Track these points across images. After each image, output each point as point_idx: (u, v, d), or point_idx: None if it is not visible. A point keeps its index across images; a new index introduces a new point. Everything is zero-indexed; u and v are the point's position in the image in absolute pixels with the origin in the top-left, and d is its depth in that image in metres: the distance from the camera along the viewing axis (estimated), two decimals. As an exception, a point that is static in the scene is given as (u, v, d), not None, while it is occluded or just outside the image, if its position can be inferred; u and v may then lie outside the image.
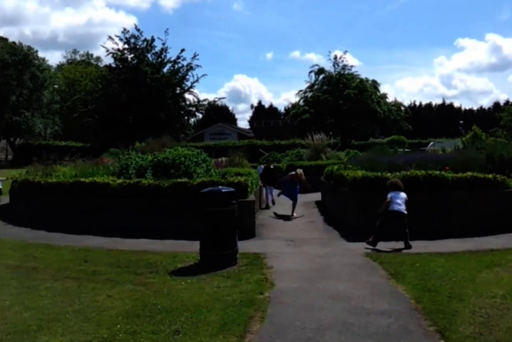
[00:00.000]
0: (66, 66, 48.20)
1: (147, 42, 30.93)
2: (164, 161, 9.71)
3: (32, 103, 33.01)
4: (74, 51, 53.56)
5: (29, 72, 31.73)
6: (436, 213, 8.33)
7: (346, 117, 31.49)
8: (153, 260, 6.45)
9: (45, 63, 35.31)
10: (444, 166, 9.65)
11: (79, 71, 40.81)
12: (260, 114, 63.43)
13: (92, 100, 30.72)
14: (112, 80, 30.66)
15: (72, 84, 38.98)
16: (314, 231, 9.33)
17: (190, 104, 32.92)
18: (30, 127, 32.72)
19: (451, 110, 63.92)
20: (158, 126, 29.56)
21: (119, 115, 29.48)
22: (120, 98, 29.70)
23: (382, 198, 8.27)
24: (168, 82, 30.48)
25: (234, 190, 6.50)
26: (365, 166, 10.13)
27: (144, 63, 30.23)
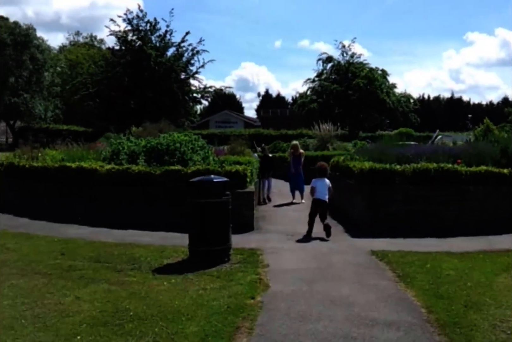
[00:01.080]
0: (69, 47, 46.67)
1: (150, 23, 29.87)
2: (158, 147, 9.05)
3: (32, 85, 31.66)
4: (77, 33, 51.71)
5: (28, 53, 30.56)
6: (448, 208, 7.76)
7: (354, 108, 30.61)
8: (137, 254, 5.93)
9: (45, 44, 33.95)
10: (456, 159, 9.04)
11: (81, 53, 39.64)
12: (267, 103, 62.40)
13: (93, 83, 29.92)
14: (114, 63, 29.82)
15: (74, 66, 37.89)
16: (317, 224, 8.75)
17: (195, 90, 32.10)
18: (29, 110, 31.60)
19: (459, 104, 62.94)
20: (162, 111, 28.86)
21: (121, 99, 28.77)
22: (122, 82, 28.92)
23: (390, 191, 7.71)
24: (172, 66, 29.56)
25: (228, 179, 5.92)
26: (373, 157, 9.49)
27: (148, 45, 29.24)
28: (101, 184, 8.22)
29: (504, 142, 9.53)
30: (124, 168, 8.27)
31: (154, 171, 8.02)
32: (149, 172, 8.01)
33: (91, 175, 8.35)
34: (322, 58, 33.09)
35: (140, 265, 5.40)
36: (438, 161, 8.45)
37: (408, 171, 7.82)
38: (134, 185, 8.03)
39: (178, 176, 7.77)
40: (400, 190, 7.69)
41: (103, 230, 7.45)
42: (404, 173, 7.81)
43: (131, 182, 8.02)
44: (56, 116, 35.65)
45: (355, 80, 30.00)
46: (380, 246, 6.70)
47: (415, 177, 7.77)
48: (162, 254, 6.01)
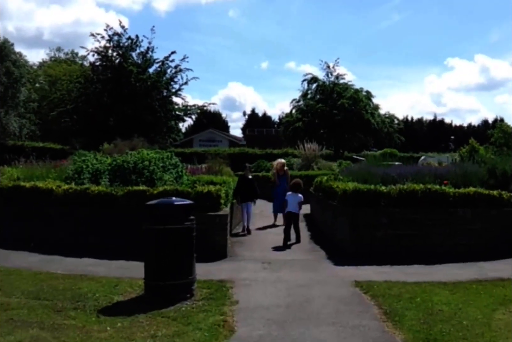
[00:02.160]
0: (48, 63, 44.77)
1: (131, 40, 29.41)
2: (124, 166, 8.36)
3: (7, 100, 29.86)
4: (59, 49, 49.27)
5: (3, 67, 29.54)
6: (436, 232, 7.27)
7: (339, 128, 30.45)
8: (86, 289, 5.15)
9: (22, 59, 32.77)
10: (443, 180, 8.61)
11: (62, 69, 38.53)
12: (253, 122, 62.26)
13: (71, 100, 29.15)
14: (94, 79, 29.18)
15: (54, 83, 36.76)
16: (298, 250, 8.11)
17: (178, 108, 31.60)
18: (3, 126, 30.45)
19: (442, 126, 64.47)
20: (143, 129, 28.16)
21: (99, 116, 27.99)
22: (101, 98, 28.23)
23: (375, 214, 7.15)
24: (154, 83, 29.07)
25: (192, 202, 5.26)
26: (358, 178, 8.99)
27: (128, 62, 28.71)
28: (58, 205, 7.55)
29: (491, 163, 9.17)
30: (82, 188, 7.59)
31: (115, 191, 7.36)
32: (110, 193, 7.34)
33: (47, 195, 7.68)
34: (307, 79, 33.09)
35: (85, 303, 4.63)
36: (424, 182, 8.02)
37: (393, 192, 7.31)
38: (93, 207, 7.36)
39: (142, 197, 7.04)
40: (385, 213, 7.15)
41: (55, 258, 6.75)
42: (389, 194, 7.29)
43: (90, 204, 7.35)
44: (32, 133, 34.43)
45: (340, 100, 29.93)
46: (365, 276, 6.09)
47: (401, 198, 7.26)
48: (115, 289, 5.24)
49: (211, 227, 7.04)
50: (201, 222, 6.94)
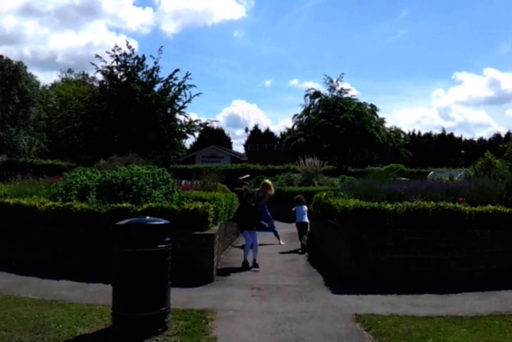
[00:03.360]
0: (60, 84, 46.97)
1: (138, 60, 29.91)
2: (112, 181, 7.83)
3: (18, 119, 31.61)
4: (70, 71, 51.65)
5: (16, 88, 30.49)
6: (450, 257, 6.45)
7: (342, 143, 29.73)
8: (51, 318, 4.56)
9: (34, 79, 34.13)
10: (457, 197, 7.79)
11: (72, 89, 39.74)
12: (256, 138, 61.90)
13: (77, 118, 29.61)
14: (101, 98, 29.69)
15: (64, 102, 38.01)
16: (293, 274, 7.30)
17: (181, 124, 31.66)
18: (13, 144, 31.15)
19: (451, 141, 62.81)
20: (146, 146, 28.33)
21: (104, 133, 28.31)
22: (107, 117, 28.60)
23: (380, 235, 6.34)
24: (158, 101, 29.38)
25: (168, 222, 4.57)
26: (360, 194, 8.21)
27: (134, 81, 29.14)
28: (40, 223, 7.13)
29: (510, 178, 8.33)
30: (65, 206, 7.15)
31: (98, 209, 6.91)
32: (93, 210, 6.89)
33: (30, 212, 7.26)
34: (310, 94, 32.60)
35: (44, 336, 4.04)
36: (435, 199, 7.22)
37: (400, 211, 6.52)
38: (75, 225, 6.88)
39: (126, 215, 6.40)
40: (391, 234, 6.35)
41: (32, 279, 6.32)
42: (396, 213, 6.50)
43: (72, 222, 6.88)
44: (41, 151, 35.05)
45: (343, 114, 29.33)
46: (367, 307, 5.28)
47: (409, 218, 6.47)
48: (82, 318, 4.62)
49: (197, 247, 6.43)
50: (186, 242, 6.40)
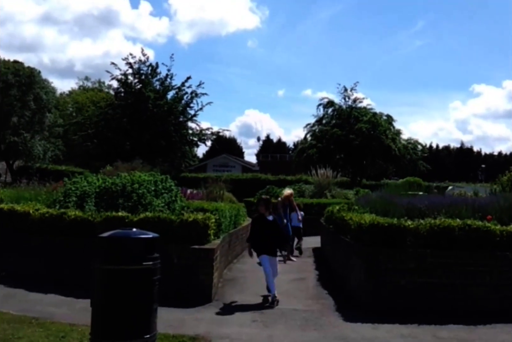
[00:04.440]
0: (76, 91, 47.66)
1: (151, 67, 30.09)
2: (112, 188, 7.42)
3: (33, 125, 31.52)
4: (87, 78, 52.72)
5: (32, 94, 30.63)
6: (478, 282, 5.72)
7: (357, 154, 28.93)
8: (26, 339, 4.12)
9: (50, 85, 34.31)
10: (484, 214, 7.06)
11: (88, 97, 40.12)
12: (268, 148, 61.52)
13: (92, 124, 29.78)
14: (115, 105, 29.89)
15: (80, 109, 38.39)
16: (301, 295, 6.62)
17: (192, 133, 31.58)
18: (28, 149, 31.33)
19: (470, 155, 61.31)
20: (157, 153, 28.23)
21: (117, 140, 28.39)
22: (121, 124, 28.67)
23: (399, 256, 5.67)
24: (171, 109, 29.41)
25: (157, 235, 3.99)
26: (377, 209, 7.56)
27: (148, 88, 29.29)
28: (34, 230, 6.78)
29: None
30: (59, 213, 6.77)
31: (93, 217, 6.47)
32: (87, 219, 6.46)
33: (24, 219, 6.91)
34: (323, 103, 31.97)
35: None
36: (460, 217, 6.52)
37: (423, 229, 5.83)
38: (69, 234, 6.46)
39: (122, 224, 5.95)
40: (412, 255, 5.67)
41: (19, 292, 5.94)
42: (417, 231, 5.82)
43: (66, 230, 6.47)
44: (56, 157, 35.30)
45: (358, 124, 28.60)
46: (384, 340, 4.62)
47: (432, 237, 5.78)
48: (60, 341, 4.14)
49: (195, 263, 5.89)
50: (183, 256, 5.89)
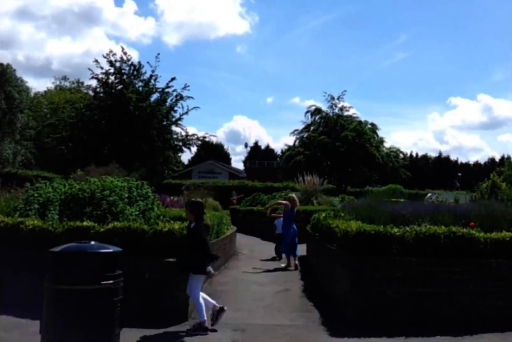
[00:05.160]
0: (52, 91, 44.73)
1: (134, 67, 28.60)
2: (79, 195, 6.93)
3: (3, 126, 29.40)
4: (64, 78, 49.02)
5: (3, 92, 28.78)
6: (464, 290, 5.61)
7: (342, 161, 29.10)
8: None
9: (24, 85, 32.13)
10: (467, 221, 7.04)
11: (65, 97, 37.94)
12: (256, 155, 61.23)
13: (66, 126, 28.18)
14: (93, 106, 28.36)
15: (56, 110, 36.18)
16: (286, 308, 6.29)
17: (177, 138, 30.43)
18: None
19: (447, 163, 63.39)
20: (138, 158, 26.93)
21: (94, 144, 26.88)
22: (98, 126, 27.23)
23: (385, 265, 5.54)
24: (153, 112, 28.03)
25: (120, 250, 3.72)
26: (363, 215, 7.45)
27: (128, 89, 27.82)
28: None
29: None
30: (15, 222, 6.04)
31: (54, 227, 5.81)
32: (47, 229, 5.77)
33: None
34: (311, 110, 32.16)
35: None
36: (444, 224, 6.46)
37: (409, 236, 5.73)
38: (26, 246, 5.73)
39: (86, 235, 5.47)
40: (399, 263, 5.53)
41: None
42: (404, 238, 5.71)
43: (23, 242, 5.73)
44: (27, 161, 33.33)
45: (344, 132, 28.78)
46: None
47: (418, 244, 5.67)
48: None
49: (170, 277, 5.42)
50: (157, 270, 5.45)
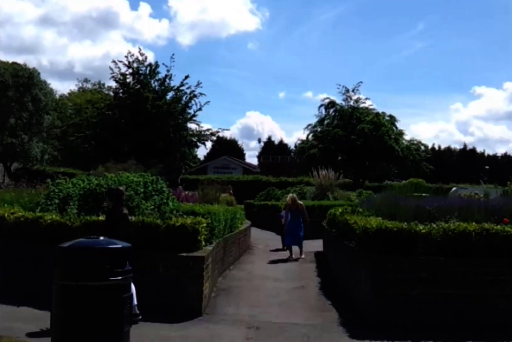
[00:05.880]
0: (75, 93, 47.47)
1: (150, 67, 29.39)
2: (97, 190, 6.92)
3: (31, 126, 31.16)
4: (86, 80, 52.45)
5: (30, 95, 30.22)
6: (497, 293, 5.14)
7: (359, 155, 28.34)
8: None
9: (48, 87, 33.92)
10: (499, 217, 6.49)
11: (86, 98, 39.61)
12: (269, 150, 60.98)
13: (89, 126, 29.21)
14: (113, 106, 29.28)
15: (79, 111, 38.00)
16: (302, 307, 6.00)
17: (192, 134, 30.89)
18: (26, 151, 30.78)
19: (473, 156, 60.56)
20: (156, 155, 27.59)
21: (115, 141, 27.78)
22: (119, 125, 28.10)
23: (409, 265, 5.10)
24: (170, 110, 28.76)
25: (129, 245, 3.44)
26: (383, 211, 6.99)
27: (146, 89, 28.60)
28: (8, 236, 6.22)
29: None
30: (35, 217, 6.23)
31: (71, 222, 5.91)
32: (65, 223, 5.89)
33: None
34: (324, 104, 31.36)
35: None
36: (474, 220, 5.94)
37: (436, 234, 5.26)
38: (45, 240, 5.83)
39: (101, 229, 5.39)
40: (424, 263, 5.10)
41: None
42: (430, 236, 5.25)
43: (42, 236, 5.88)
44: (54, 158, 34.78)
45: (360, 125, 27.98)
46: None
47: (446, 243, 5.21)
48: None
49: (183, 272, 5.32)
50: (170, 265, 5.32)
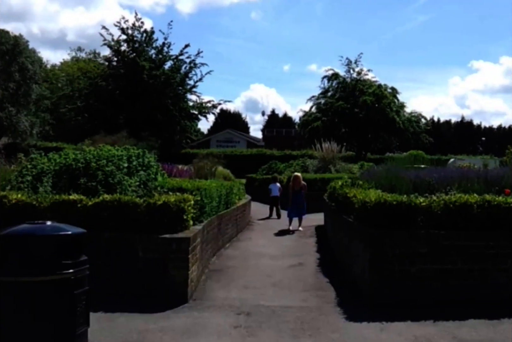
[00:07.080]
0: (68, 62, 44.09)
1: (146, 33, 27.53)
2: (73, 166, 6.37)
3: (19, 98, 28.39)
4: (79, 49, 48.78)
5: (16, 64, 27.57)
6: (500, 267, 4.90)
7: (361, 127, 27.97)
8: None
9: (36, 55, 31.13)
10: (501, 188, 6.22)
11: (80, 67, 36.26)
12: (273, 123, 60.11)
13: (81, 97, 27.73)
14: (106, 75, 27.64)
15: (72, 81, 35.87)
16: (298, 286, 5.65)
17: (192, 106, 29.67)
18: (14, 125, 28.30)
19: (470, 128, 61.16)
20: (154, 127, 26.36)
21: (109, 114, 26.45)
22: (113, 95, 26.64)
23: (409, 239, 4.86)
24: (168, 80, 27.18)
25: (81, 231, 3.06)
26: (383, 183, 6.72)
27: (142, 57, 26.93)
28: None
29: None
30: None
31: (39, 202, 5.24)
32: (31, 204, 5.20)
33: None
34: (328, 75, 30.84)
35: None
36: (475, 191, 5.66)
37: (436, 207, 4.99)
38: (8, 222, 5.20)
39: (74, 210, 4.96)
40: (424, 238, 4.85)
41: None
42: (430, 209, 4.99)
43: (7, 218, 4.99)
44: (45, 132, 33.21)
45: (362, 97, 27.46)
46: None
47: (447, 216, 4.95)
48: None
49: (165, 256, 4.86)
50: (150, 248, 4.90)
